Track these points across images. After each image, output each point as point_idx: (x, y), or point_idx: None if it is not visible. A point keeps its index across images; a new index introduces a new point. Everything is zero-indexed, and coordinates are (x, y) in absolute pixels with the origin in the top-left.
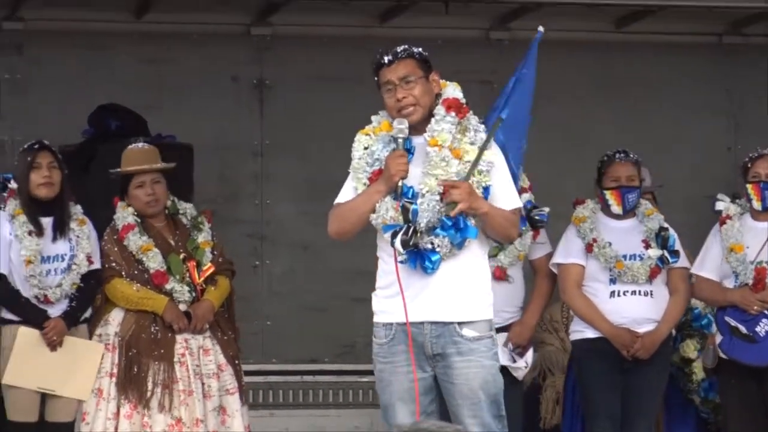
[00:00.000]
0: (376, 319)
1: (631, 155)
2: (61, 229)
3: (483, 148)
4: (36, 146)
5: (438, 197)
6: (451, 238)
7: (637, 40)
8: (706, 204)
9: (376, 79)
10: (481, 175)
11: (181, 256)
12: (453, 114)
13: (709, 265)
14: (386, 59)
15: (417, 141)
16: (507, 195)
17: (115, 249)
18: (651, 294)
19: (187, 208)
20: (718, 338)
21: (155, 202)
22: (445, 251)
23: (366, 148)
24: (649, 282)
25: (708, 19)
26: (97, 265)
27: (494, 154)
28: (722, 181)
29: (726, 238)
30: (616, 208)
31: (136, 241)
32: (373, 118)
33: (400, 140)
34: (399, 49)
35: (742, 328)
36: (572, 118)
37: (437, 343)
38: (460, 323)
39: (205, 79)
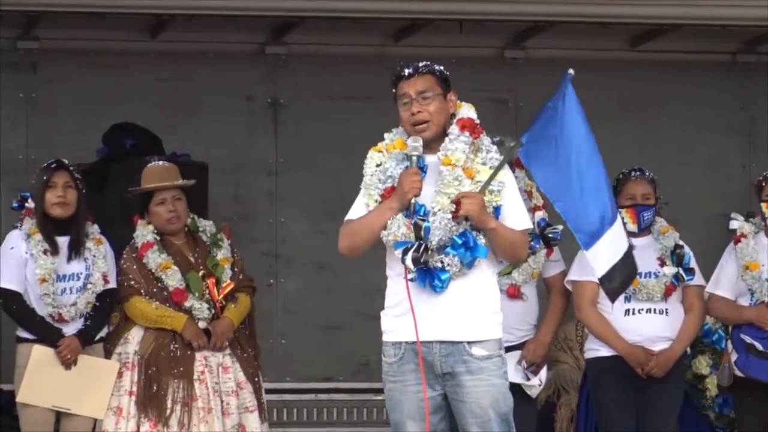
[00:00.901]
0: (385, 338)
1: (647, 173)
2: (76, 249)
3: (497, 171)
4: (53, 165)
5: (450, 215)
6: (461, 257)
7: (651, 59)
8: (720, 222)
9: (393, 91)
10: (492, 194)
11: (201, 273)
12: (467, 134)
13: (723, 283)
14: (406, 72)
15: (430, 159)
16: (517, 215)
17: (134, 267)
18: (666, 312)
19: (206, 226)
20: (734, 356)
21: (176, 219)
22: (455, 270)
23: (378, 165)
24: (664, 300)
25: (722, 38)
26: (112, 285)
27: (505, 175)
28: (737, 200)
29: (741, 257)
30: (631, 226)
31: (155, 258)
32: (386, 135)
33: (414, 158)
34: (420, 63)
35: (759, 346)
36: None
37: (446, 362)
38: (469, 342)
39: (219, 97)
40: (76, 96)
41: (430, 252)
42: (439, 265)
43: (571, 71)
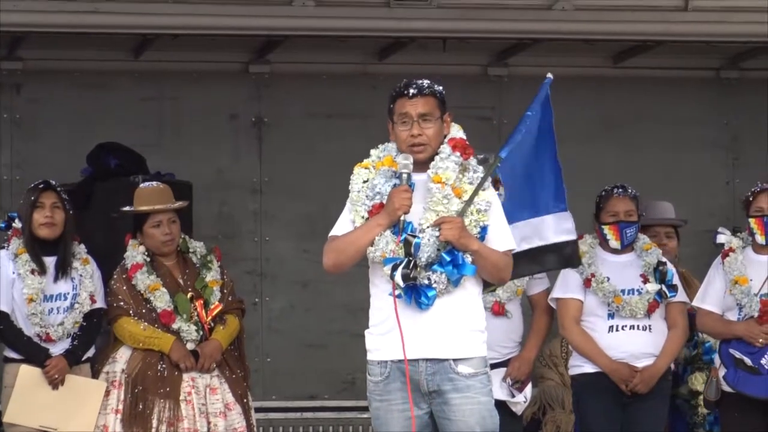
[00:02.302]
0: (370, 357)
1: (630, 190)
2: (63, 269)
3: (478, 187)
4: (41, 186)
5: (438, 233)
6: (449, 275)
7: (634, 75)
8: (704, 238)
9: (391, 106)
10: (479, 214)
11: (189, 295)
12: (458, 154)
13: (711, 298)
14: (410, 92)
15: (418, 178)
16: (501, 236)
17: (124, 288)
18: (649, 328)
19: (197, 247)
20: (722, 371)
21: (171, 242)
22: (442, 287)
23: (365, 182)
24: (648, 316)
25: (705, 54)
26: (99, 304)
27: (492, 195)
28: (721, 215)
29: (729, 271)
30: (614, 243)
31: (144, 280)
32: (372, 152)
33: (405, 175)
34: (425, 84)
35: (748, 361)
36: (570, 153)
37: (433, 380)
38: (455, 360)
39: (203, 116)
40: (61, 116)
41: (418, 269)
42: (426, 282)
43: (550, 75)
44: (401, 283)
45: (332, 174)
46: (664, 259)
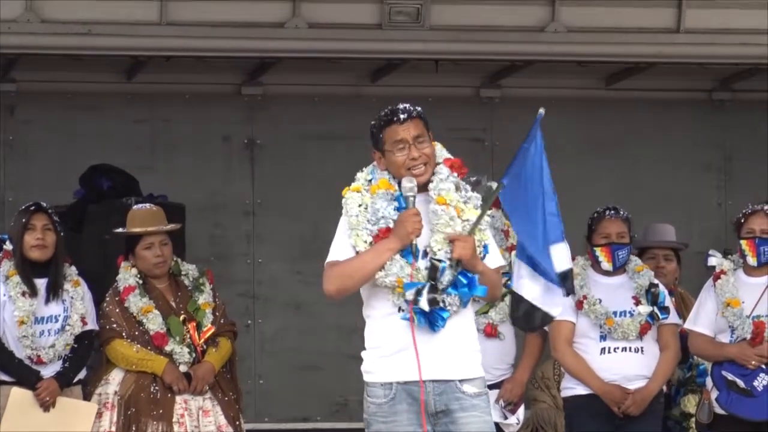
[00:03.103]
0: (370, 378)
1: (621, 212)
2: (54, 291)
3: (485, 208)
4: (32, 208)
5: (450, 255)
6: (463, 296)
7: (626, 97)
8: (696, 259)
9: (380, 136)
10: (481, 233)
11: (182, 317)
12: (455, 174)
13: (702, 320)
14: (402, 117)
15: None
16: (495, 254)
17: (117, 310)
18: (641, 350)
19: (189, 269)
20: (714, 393)
21: (163, 264)
22: (455, 309)
23: (361, 206)
24: (640, 338)
25: (698, 76)
26: (91, 326)
27: (486, 214)
28: (713, 237)
29: (721, 293)
30: (606, 265)
31: (136, 302)
32: (359, 175)
33: (412, 198)
34: (410, 107)
35: (740, 383)
36: (562, 175)
37: (440, 400)
38: (461, 380)
39: (196, 138)
40: (54, 138)
41: (439, 292)
42: (441, 304)
43: (542, 111)
44: (427, 308)
45: (325, 196)
46: (656, 281)
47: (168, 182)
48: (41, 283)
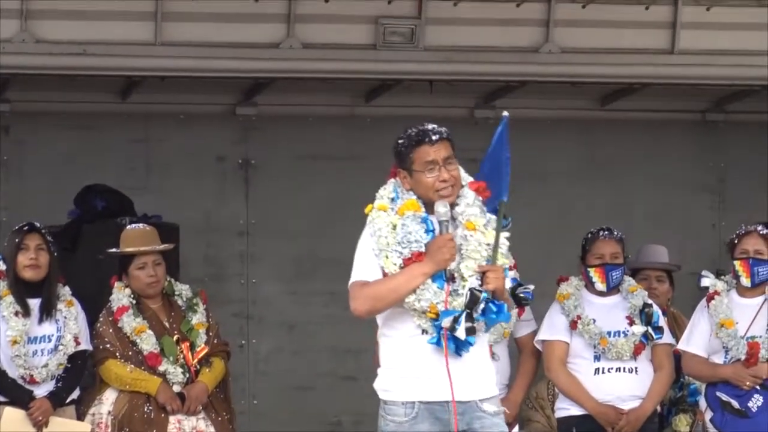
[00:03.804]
0: (389, 396)
1: (615, 233)
2: (47, 311)
3: (498, 232)
4: (25, 228)
5: (480, 282)
6: (490, 323)
7: (621, 118)
8: (690, 280)
9: (409, 155)
10: (503, 257)
11: (175, 337)
12: (480, 198)
13: (696, 340)
14: (434, 138)
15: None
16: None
17: (110, 330)
18: (635, 371)
19: (183, 290)
20: (708, 414)
21: (156, 284)
22: (480, 335)
23: (389, 226)
24: (634, 358)
25: (692, 97)
26: (84, 346)
27: (504, 236)
28: (707, 258)
29: (715, 314)
30: (600, 285)
31: (130, 322)
32: (381, 192)
33: (446, 223)
34: (439, 128)
35: (735, 403)
36: (557, 196)
37: (462, 420)
38: (481, 399)
39: (190, 159)
40: (48, 158)
41: (474, 321)
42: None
43: (505, 113)
44: (463, 337)
45: (319, 216)
46: (649, 301)
47: (162, 202)
48: (34, 303)
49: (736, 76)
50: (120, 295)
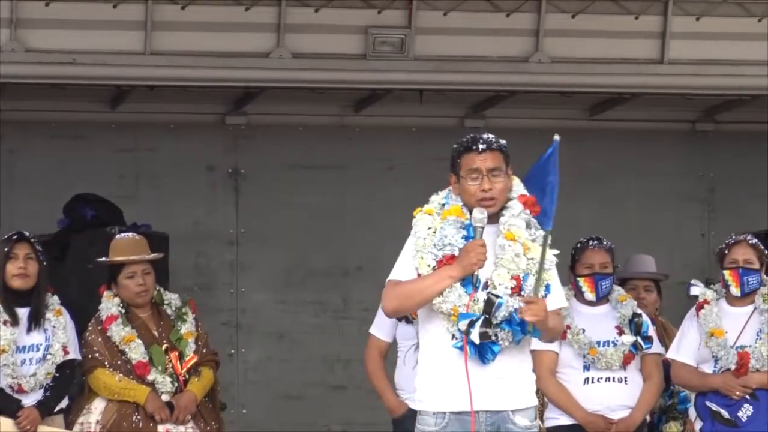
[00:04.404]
0: (422, 407)
1: (604, 242)
2: (36, 320)
3: (541, 264)
4: (14, 237)
5: (510, 291)
6: (515, 334)
7: (610, 128)
8: (680, 290)
9: (458, 161)
10: (545, 272)
11: (164, 347)
12: (528, 211)
13: (685, 349)
14: (480, 147)
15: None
16: (555, 294)
17: (99, 339)
18: (625, 380)
19: (172, 299)
20: (698, 424)
21: (145, 293)
22: (506, 344)
23: (430, 228)
24: (623, 368)
25: (681, 106)
26: (72, 355)
27: (552, 253)
28: (696, 268)
29: (705, 323)
30: (589, 295)
31: (119, 331)
32: (433, 198)
33: (480, 230)
34: (492, 138)
35: (725, 413)
36: None
37: (492, 431)
38: (513, 411)
39: (180, 168)
40: (38, 167)
41: (492, 326)
42: (494, 337)
43: (557, 137)
44: (477, 341)
45: (308, 225)
46: (639, 311)
47: (152, 211)
48: (23, 312)
49: (726, 86)
50: (109, 304)
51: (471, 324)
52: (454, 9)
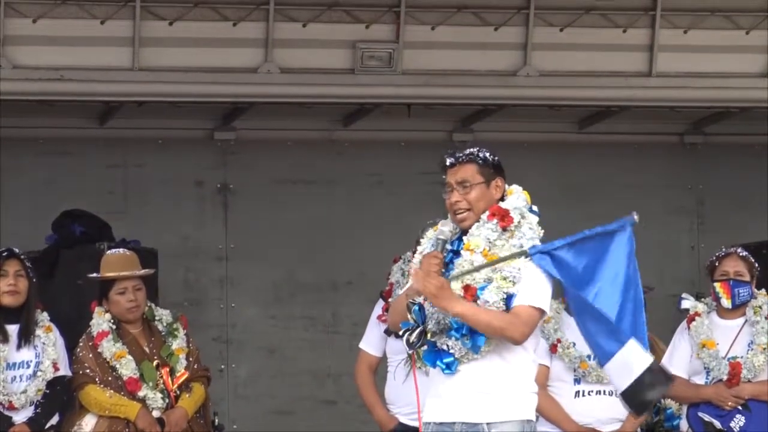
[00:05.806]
0: (423, 419)
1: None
2: (26, 337)
3: (503, 259)
4: (4, 254)
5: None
6: (462, 343)
7: (599, 141)
8: (670, 303)
9: (443, 177)
10: (505, 281)
11: (155, 363)
12: (495, 221)
13: (677, 362)
14: (448, 162)
15: None
16: (524, 294)
17: (90, 356)
18: (616, 393)
19: (163, 315)
20: None
21: (136, 309)
22: (461, 354)
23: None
24: None
25: (670, 119)
26: (63, 372)
27: (525, 263)
28: (686, 281)
29: (696, 335)
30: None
31: (110, 347)
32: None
33: (440, 241)
34: (463, 152)
35: (717, 424)
36: None
37: None
38: (488, 423)
39: (168, 183)
40: (26, 183)
41: (428, 335)
42: (445, 347)
43: (635, 216)
44: (407, 349)
45: (298, 240)
46: None
47: (141, 227)
48: (13, 329)
49: (714, 99)
50: (100, 320)
51: (406, 332)
52: (442, 23)
